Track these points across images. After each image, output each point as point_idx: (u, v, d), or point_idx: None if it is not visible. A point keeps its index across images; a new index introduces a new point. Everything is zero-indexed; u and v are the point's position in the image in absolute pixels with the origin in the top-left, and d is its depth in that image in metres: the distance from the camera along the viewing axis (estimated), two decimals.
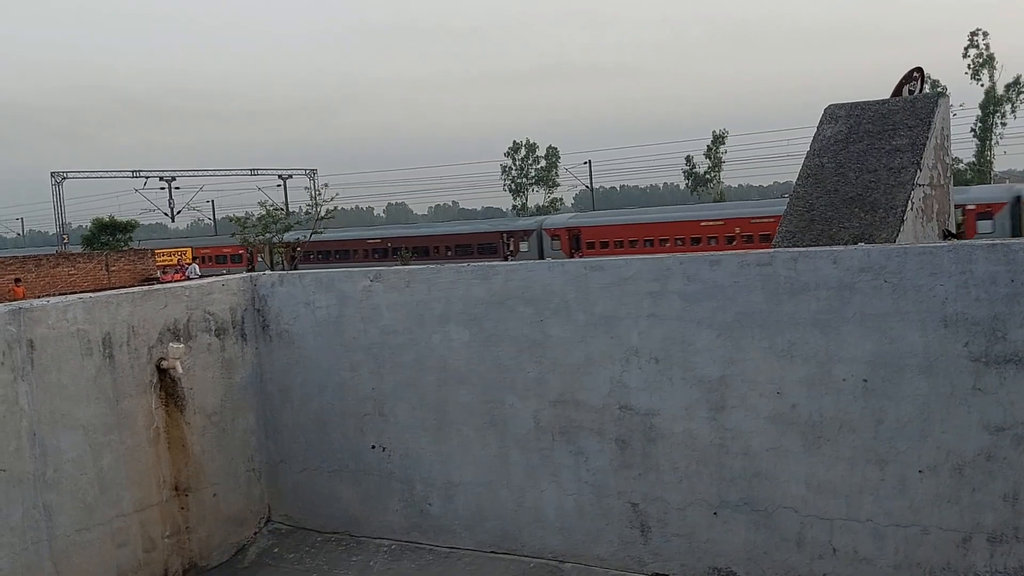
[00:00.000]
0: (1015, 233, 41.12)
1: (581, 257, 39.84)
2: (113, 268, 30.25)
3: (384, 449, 5.21)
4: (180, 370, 4.99)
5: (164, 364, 4.97)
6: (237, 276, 5.65)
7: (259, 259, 58.35)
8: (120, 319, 4.80)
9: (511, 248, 55.97)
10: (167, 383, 5.03)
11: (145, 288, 5.13)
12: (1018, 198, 42.66)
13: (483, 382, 4.88)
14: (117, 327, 4.79)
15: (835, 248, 4.08)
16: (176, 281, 26.59)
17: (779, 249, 4.28)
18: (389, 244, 59.34)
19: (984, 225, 41.88)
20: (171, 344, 4.98)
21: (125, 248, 46.49)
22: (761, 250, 4.31)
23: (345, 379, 5.29)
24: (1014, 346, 3.67)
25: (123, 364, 4.80)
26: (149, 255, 35.56)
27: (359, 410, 5.27)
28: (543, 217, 61.37)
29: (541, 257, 50.92)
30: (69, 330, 4.57)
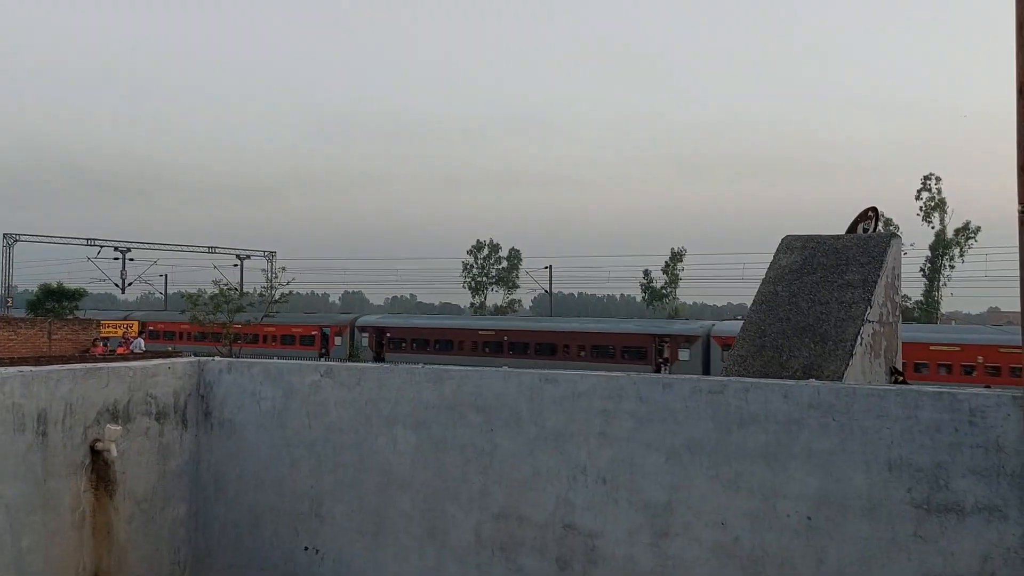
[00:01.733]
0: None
1: None
2: (55, 336, 29.58)
3: (317, 552, 5.04)
4: (115, 453, 4.84)
5: (99, 446, 4.81)
6: (184, 360, 5.55)
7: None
8: (58, 396, 4.67)
9: (665, 355, 47.51)
10: (99, 465, 4.86)
11: (87, 365, 5.01)
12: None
13: (426, 489, 4.79)
14: (54, 404, 4.64)
15: (786, 382, 4.12)
16: (102, 354, 26.07)
17: (731, 378, 4.32)
18: (506, 337, 51.22)
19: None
20: (108, 426, 4.83)
21: (70, 316, 45.60)
22: (714, 377, 4.34)
23: (284, 475, 5.16)
24: (955, 495, 3.70)
25: (56, 443, 4.63)
26: (93, 325, 34.89)
27: (295, 509, 5.12)
28: (711, 323, 50.67)
29: (707, 370, 43.33)
30: (4, 403, 4.42)
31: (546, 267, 73.20)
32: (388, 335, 54.07)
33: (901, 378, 7.89)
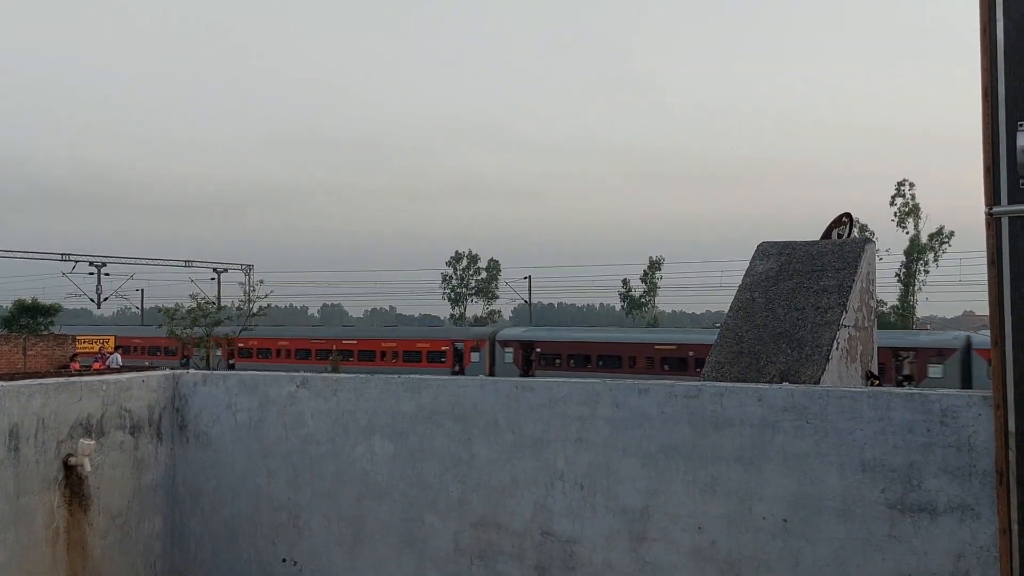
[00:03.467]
0: None
1: None
2: (30, 352, 29.30)
3: (296, 563, 5.02)
4: (88, 468, 4.80)
5: (72, 461, 4.77)
6: (159, 373, 5.51)
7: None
8: (31, 411, 4.62)
9: (906, 372, 39.40)
10: (73, 480, 4.81)
11: (60, 380, 4.97)
12: None
13: (404, 499, 4.78)
14: (27, 419, 4.60)
15: (760, 386, 4.15)
16: (78, 371, 25.81)
17: (706, 383, 4.34)
18: (691, 353, 42.38)
19: None
20: (82, 440, 4.79)
21: (45, 332, 45.16)
22: (690, 382, 4.36)
23: (260, 487, 5.13)
24: (928, 495, 3.74)
25: (28, 458, 4.59)
26: (69, 341, 34.56)
27: (273, 520, 5.09)
28: (965, 334, 40.83)
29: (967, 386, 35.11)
30: None
31: (525, 277, 73.22)
32: (538, 350, 47.82)
33: (877, 382, 7.96)
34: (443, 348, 50.63)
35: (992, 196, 3.49)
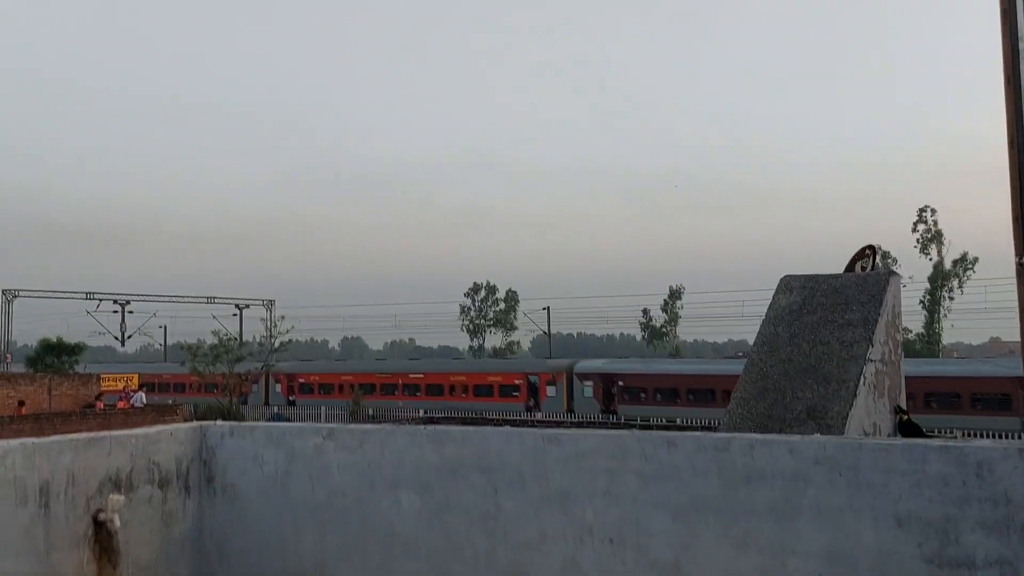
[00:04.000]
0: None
1: None
2: (55, 392, 29.45)
3: None
4: (118, 524, 4.80)
5: (102, 516, 4.77)
6: (187, 425, 5.53)
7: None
8: (60, 467, 4.64)
9: None
10: (103, 536, 4.81)
11: (90, 435, 4.99)
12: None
13: (431, 552, 4.75)
14: (56, 475, 4.61)
15: (791, 437, 4.11)
16: (103, 410, 25.93)
17: (736, 434, 4.31)
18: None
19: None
20: (111, 496, 4.80)
21: (70, 371, 45.48)
22: (718, 434, 4.33)
23: (287, 539, 5.12)
24: (966, 550, 3.67)
25: (59, 515, 4.60)
26: (94, 380, 34.74)
27: (299, 573, 5.07)
28: None
29: None
30: (6, 477, 4.39)
31: (544, 308, 73.10)
32: (620, 383, 44.00)
33: (906, 416, 7.87)
34: (516, 381, 47.82)
35: (1022, 246, 3.47)
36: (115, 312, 63.57)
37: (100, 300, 62.96)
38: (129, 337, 65.70)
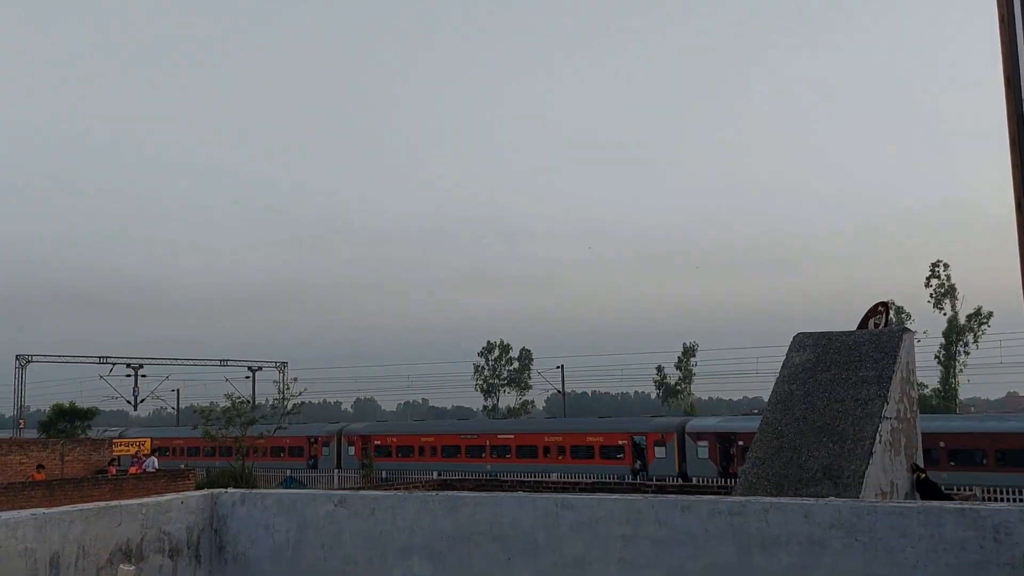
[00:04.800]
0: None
1: None
2: (68, 457, 29.45)
3: None
4: None
5: None
6: (197, 493, 5.51)
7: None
8: (71, 538, 4.62)
9: None
10: None
11: (100, 505, 4.98)
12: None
13: None
14: (67, 546, 4.60)
15: (806, 501, 4.07)
16: (114, 476, 25.83)
17: (751, 498, 4.27)
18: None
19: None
20: (122, 566, 4.78)
21: (82, 436, 45.45)
22: (733, 498, 4.29)
23: None
24: None
25: None
26: (106, 445, 34.71)
27: None
28: None
29: None
30: (16, 548, 4.38)
31: (558, 367, 72.83)
32: (740, 443, 39.22)
33: (924, 474, 7.77)
34: (620, 442, 44.42)
35: None
36: (128, 376, 63.65)
37: (113, 364, 63.09)
38: (142, 401, 65.69)
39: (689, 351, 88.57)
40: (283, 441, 51.60)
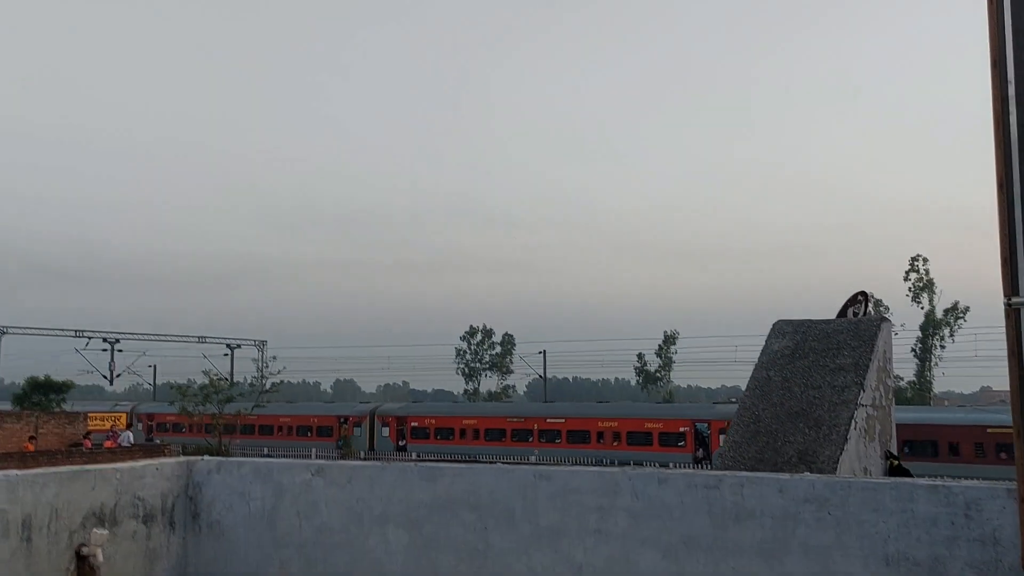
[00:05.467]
0: None
1: None
2: (42, 430, 29.19)
3: None
4: (100, 558, 4.74)
5: (84, 551, 4.72)
6: (172, 460, 5.49)
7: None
8: (44, 500, 4.59)
9: None
10: (85, 571, 4.75)
11: (74, 468, 4.95)
12: None
13: None
14: (40, 509, 4.57)
15: (781, 476, 4.10)
16: (89, 449, 25.65)
17: (727, 472, 4.29)
18: None
19: None
20: (94, 530, 4.75)
21: (57, 410, 45.11)
22: (709, 472, 4.31)
23: None
24: None
25: (40, 549, 4.54)
26: (81, 419, 34.44)
27: None
28: None
29: None
30: None
31: (540, 352, 72.92)
32: None
33: (896, 462, 7.85)
34: (681, 429, 42.36)
35: (1011, 287, 3.48)
36: (104, 350, 63.22)
37: (90, 338, 62.65)
38: (118, 376, 65.33)
39: (670, 339, 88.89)
40: (309, 420, 49.27)
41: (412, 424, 47.26)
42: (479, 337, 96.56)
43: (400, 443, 47.97)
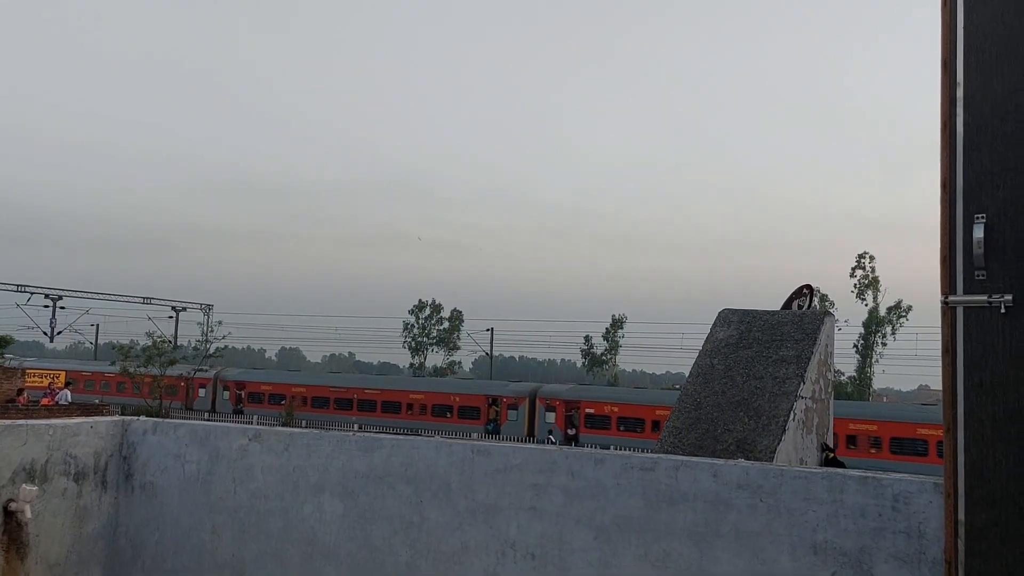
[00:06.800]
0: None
1: None
2: None
3: None
4: (29, 515, 4.66)
5: (12, 506, 4.63)
6: (108, 419, 5.39)
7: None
8: None
9: None
10: (12, 527, 4.67)
11: (5, 422, 4.84)
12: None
13: (352, 561, 4.68)
14: None
15: (716, 461, 4.15)
16: (24, 406, 25.19)
17: (663, 455, 4.34)
18: None
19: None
20: (24, 486, 4.66)
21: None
22: (645, 454, 4.35)
23: (205, 542, 5.01)
24: None
25: None
26: (18, 374, 33.74)
27: None
28: None
29: None
30: None
31: (488, 330, 73.10)
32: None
33: (831, 454, 8.01)
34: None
35: (948, 285, 3.55)
36: (46, 307, 61.89)
37: (31, 293, 61.22)
38: (59, 333, 63.96)
39: (618, 323, 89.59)
40: (450, 399, 44.70)
41: (587, 410, 41.30)
42: (427, 312, 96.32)
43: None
